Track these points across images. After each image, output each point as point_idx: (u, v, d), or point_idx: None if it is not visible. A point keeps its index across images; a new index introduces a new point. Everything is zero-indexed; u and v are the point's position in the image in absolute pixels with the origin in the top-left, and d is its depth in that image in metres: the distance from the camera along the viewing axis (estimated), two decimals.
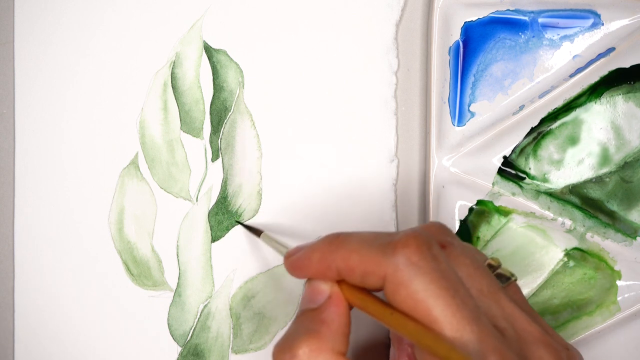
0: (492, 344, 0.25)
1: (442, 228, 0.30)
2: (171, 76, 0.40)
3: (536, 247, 0.39)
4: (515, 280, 0.30)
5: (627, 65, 0.39)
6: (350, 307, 0.28)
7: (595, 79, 0.39)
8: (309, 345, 0.26)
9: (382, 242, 0.27)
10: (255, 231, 0.39)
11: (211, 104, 0.40)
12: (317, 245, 0.28)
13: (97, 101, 0.40)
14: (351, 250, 0.27)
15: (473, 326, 0.25)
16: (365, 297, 0.27)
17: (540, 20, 0.39)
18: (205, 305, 0.40)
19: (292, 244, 0.32)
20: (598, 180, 0.39)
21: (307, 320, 0.27)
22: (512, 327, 0.27)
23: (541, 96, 0.39)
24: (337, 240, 0.28)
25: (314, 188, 0.40)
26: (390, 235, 0.27)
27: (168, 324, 0.40)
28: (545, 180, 0.39)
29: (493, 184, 0.39)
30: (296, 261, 0.29)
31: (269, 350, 0.40)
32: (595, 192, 0.39)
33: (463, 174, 0.40)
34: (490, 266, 0.30)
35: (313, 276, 0.28)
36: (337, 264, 0.27)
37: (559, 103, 0.39)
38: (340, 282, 0.28)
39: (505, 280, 0.29)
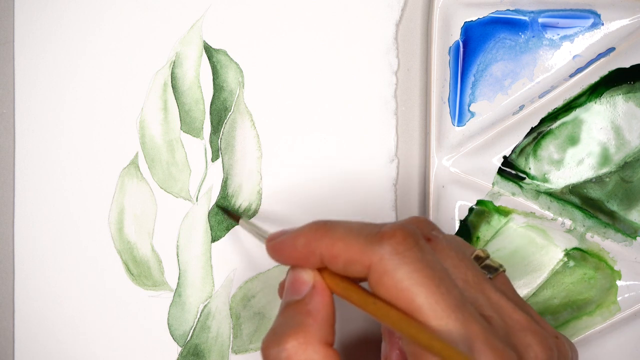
0: (478, 331, 0.25)
1: (427, 222, 0.30)
2: (171, 76, 0.40)
3: (536, 247, 0.39)
4: (504, 271, 0.30)
5: (627, 65, 0.39)
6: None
7: (595, 79, 0.39)
8: (297, 339, 0.26)
9: (368, 232, 0.26)
10: (234, 217, 0.38)
11: (211, 104, 0.40)
12: (303, 230, 0.28)
13: (97, 101, 0.40)
14: (337, 238, 0.27)
15: (458, 314, 0.25)
16: (347, 286, 0.27)
17: (540, 20, 0.39)
18: (205, 305, 0.40)
19: (274, 230, 0.31)
20: (598, 180, 0.39)
21: (292, 313, 0.27)
22: (498, 316, 0.27)
23: (541, 96, 0.39)
24: (323, 227, 0.27)
25: (313, 188, 0.40)
26: (376, 226, 0.27)
27: (168, 324, 0.40)
28: (545, 180, 0.39)
29: (493, 184, 0.39)
30: (279, 244, 0.28)
31: None
32: (595, 192, 0.39)
33: (463, 174, 0.40)
34: (478, 257, 0.30)
35: (295, 262, 0.28)
36: (321, 251, 0.27)
37: (559, 103, 0.39)
38: (322, 270, 0.28)
39: (494, 271, 0.29)
